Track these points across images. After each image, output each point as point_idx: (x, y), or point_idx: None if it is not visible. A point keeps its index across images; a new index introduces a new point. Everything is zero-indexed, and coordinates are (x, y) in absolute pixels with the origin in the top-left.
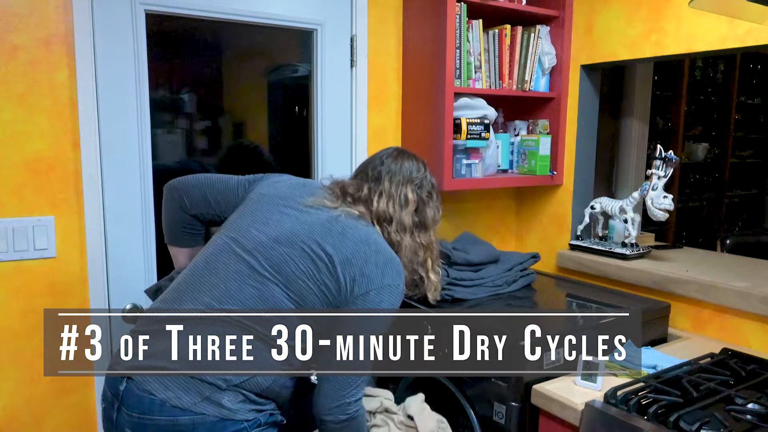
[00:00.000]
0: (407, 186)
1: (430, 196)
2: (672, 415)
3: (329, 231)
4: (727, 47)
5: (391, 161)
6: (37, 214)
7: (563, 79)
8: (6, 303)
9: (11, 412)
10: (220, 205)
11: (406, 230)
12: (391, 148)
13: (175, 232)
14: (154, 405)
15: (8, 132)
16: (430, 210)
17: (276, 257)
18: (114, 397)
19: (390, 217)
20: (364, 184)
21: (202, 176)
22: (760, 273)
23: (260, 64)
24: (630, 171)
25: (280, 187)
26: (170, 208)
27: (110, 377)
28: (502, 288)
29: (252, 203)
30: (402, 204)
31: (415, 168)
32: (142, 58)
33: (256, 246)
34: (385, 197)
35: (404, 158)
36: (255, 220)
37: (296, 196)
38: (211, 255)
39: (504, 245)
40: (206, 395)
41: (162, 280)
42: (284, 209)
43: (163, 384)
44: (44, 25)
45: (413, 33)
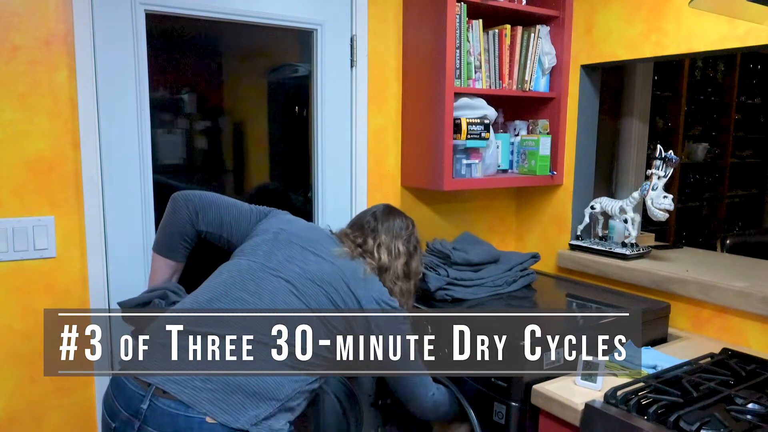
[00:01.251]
0: (398, 240)
1: (415, 250)
2: (672, 415)
3: (356, 281)
4: (727, 47)
5: (383, 217)
6: (37, 214)
7: (563, 79)
8: (6, 303)
9: (11, 412)
10: (231, 229)
11: (399, 278)
12: (382, 205)
13: (173, 244)
14: (192, 423)
15: (8, 132)
16: (414, 262)
17: (316, 291)
18: (132, 418)
19: (388, 267)
20: (367, 238)
21: (216, 196)
22: (760, 273)
23: (260, 64)
24: (630, 171)
25: (300, 228)
26: (178, 219)
27: (128, 395)
28: (502, 288)
29: (281, 237)
30: (396, 255)
31: (404, 225)
32: (142, 58)
33: (298, 279)
34: (384, 249)
35: (395, 216)
36: (293, 257)
37: (321, 241)
38: (251, 280)
39: (504, 245)
40: (262, 417)
41: (146, 295)
42: (317, 252)
43: (220, 407)
44: (44, 25)
45: (413, 33)
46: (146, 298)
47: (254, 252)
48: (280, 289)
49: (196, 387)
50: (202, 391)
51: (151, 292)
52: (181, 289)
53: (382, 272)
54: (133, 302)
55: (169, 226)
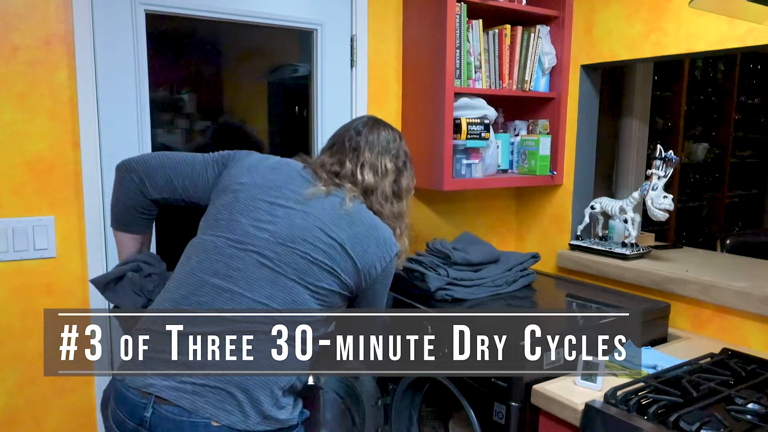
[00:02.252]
0: (385, 156)
1: (405, 166)
2: (672, 415)
3: (339, 223)
4: (727, 47)
5: (367, 131)
6: (37, 214)
7: (563, 79)
8: (6, 303)
9: (11, 412)
10: (188, 191)
11: (387, 199)
12: (366, 117)
13: (129, 217)
14: (197, 429)
15: (8, 132)
16: (405, 179)
17: (290, 255)
18: (139, 426)
19: (374, 188)
20: (345, 159)
21: (162, 156)
22: (760, 273)
23: (260, 64)
24: (630, 171)
25: (263, 174)
26: (126, 191)
27: (129, 404)
28: (502, 288)
29: (242, 197)
30: (383, 174)
31: (392, 138)
32: (142, 58)
33: (267, 246)
34: (368, 168)
35: (380, 128)
36: (259, 220)
37: (287, 185)
38: (219, 261)
39: (504, 245)
40: (268, 413)
41: (119, 269)
42: (283, 203)
43: (223, 407)
44: (44, 25)
45: (413, 33)
46: (118, 272)
47: (217, 223)
48: (251, 265)
49: (196, 391)
50: (202, 395)
51: (123, 266)
52: (155, 258)
53: (368, 195)
54: (107, 278)
55: (119, 201)
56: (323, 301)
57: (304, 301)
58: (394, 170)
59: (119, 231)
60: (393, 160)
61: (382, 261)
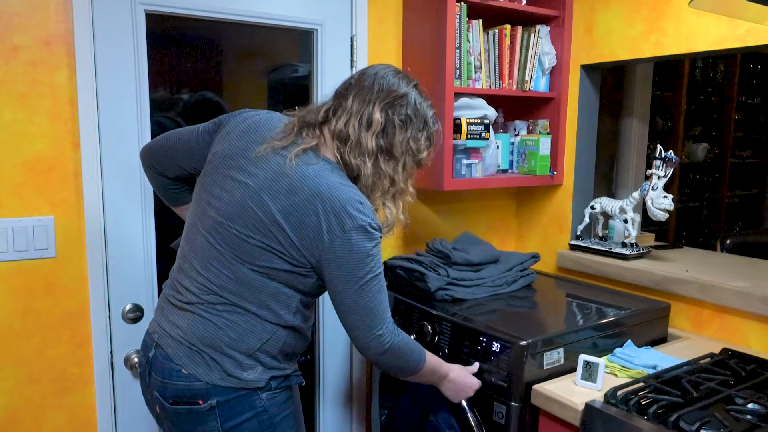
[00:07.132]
0: (375, 104)
1: (408, 121)
2: (672, 415)
3: (276, 193)
4: (727, 47)
5: (371, 77)
6: (37, 214)
7: (563, 79)
8: (6, 303)
9: (11, 412)
10: (193, 165)
11: (367, 154)
12: (391, 66)
13: (169, 195)
14: (172, 372)
15: (8, 132)
16: (401, 136)
17: (227, 235)
18: (146, 363)
19: (346, 136)
20: (325, 105)
21: (164, 139)
22: (760, 273)
23: (260, 64)
24: (630, 171)
25: (231, 141)
26: (150, 177)
27: (144, 345)
28: (502, 288)
29: (209, 170)
30: (364, 124)
31: (399, 85)
32: (142, 58)
33: (214, 226)
34: (344, 117)
35: (390, 76)
36: (212, 196)
37: (245, 151)
38: (188, 232)
39: (504, 245)
40: (230, 372)
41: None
42: (234, 173)
43: (192, 360)
44: (44, 25)
45: (413, 33)
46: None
47: (195, 200)
48: (201, 248)
49: (178, 343)
50: (180, 347)
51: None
52: None
53: (342, 142)
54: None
55: (153, 185)
56: (273, 278)
57: (249, 280)
58: (382, 122)
59: (172, 206)
60: (387, 108)
61: (329, 234)
